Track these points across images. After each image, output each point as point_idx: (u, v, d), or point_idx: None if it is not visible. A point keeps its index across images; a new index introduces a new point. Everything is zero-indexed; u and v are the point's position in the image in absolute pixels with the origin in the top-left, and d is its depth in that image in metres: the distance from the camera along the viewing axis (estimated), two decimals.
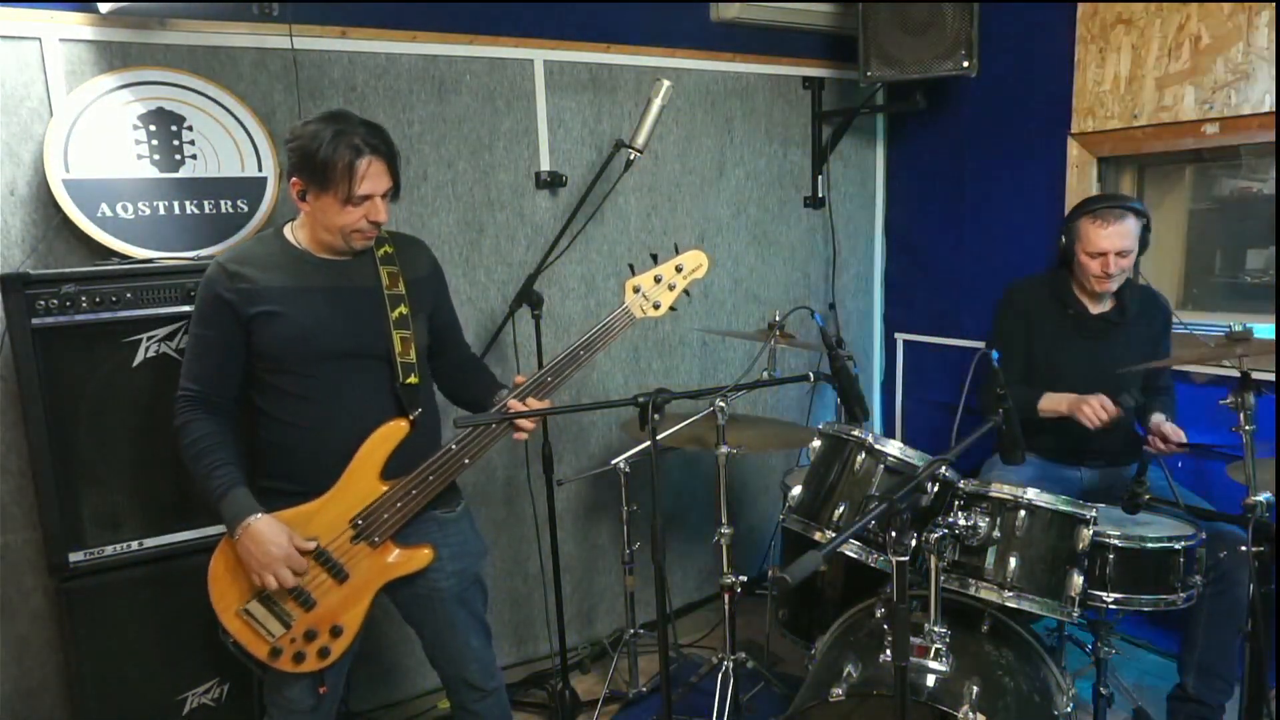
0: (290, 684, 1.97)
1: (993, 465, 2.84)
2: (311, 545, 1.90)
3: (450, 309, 2.20)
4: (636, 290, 2.07)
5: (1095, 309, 2.77)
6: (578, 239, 3.13)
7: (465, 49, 2.90)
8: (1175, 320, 2.79)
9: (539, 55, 3.04)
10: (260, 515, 1.86)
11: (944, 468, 1.89)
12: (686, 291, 2.12)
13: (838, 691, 1.90)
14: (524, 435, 2.02)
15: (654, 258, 2.10)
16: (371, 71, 2.76)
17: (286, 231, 1.98)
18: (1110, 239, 2.61)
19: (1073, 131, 3.21)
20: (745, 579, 2.46)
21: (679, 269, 2.08)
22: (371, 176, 1.85)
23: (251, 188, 2.54)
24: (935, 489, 2.12)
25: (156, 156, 2.42)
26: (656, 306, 2.08)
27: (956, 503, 2.10)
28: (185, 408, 1.92)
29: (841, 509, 2.20)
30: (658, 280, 2.08)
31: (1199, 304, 3.21)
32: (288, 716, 1.99)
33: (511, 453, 3.10)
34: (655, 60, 3.26)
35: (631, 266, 2.11)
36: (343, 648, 1.96)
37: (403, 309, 1.99)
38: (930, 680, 1.91)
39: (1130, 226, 2.62)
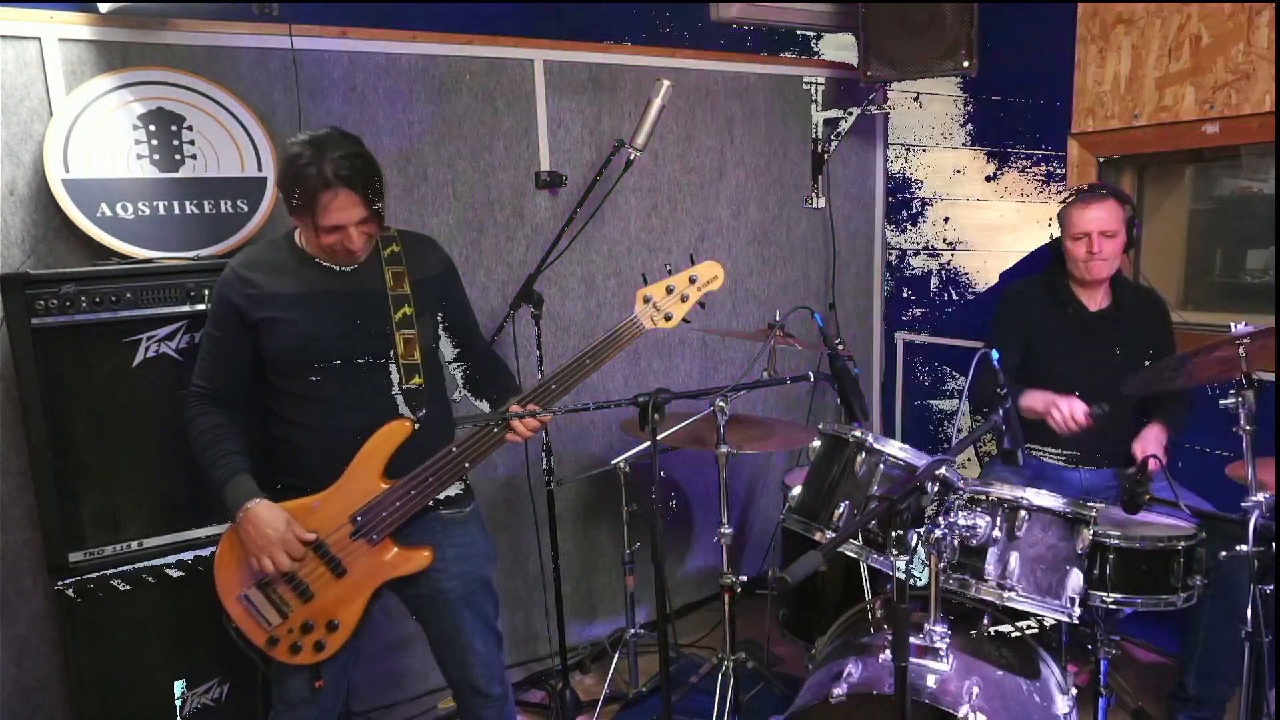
0: (289, 676, 2.01)
1: (993, 465, 2.85)
2: (311, 536, 1.92)
3: (463, 306, 2.19)
4: (647, 300, 2.03)
5: (1093, 306, 2.77)
6: (578, 239, 3.12)
7: (465, 49, 2.90)
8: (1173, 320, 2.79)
9: (539, 55, 3.03)
10: (260, 500, 1.89)
11: (944, 468, 1.89)
12: (701, 303, 2.07)
13: (838, 691, 1.90)
14: (518, 438, 2.01)
15: (669, 271, 2.06)
16: (371, 71, 2.76)
17: (296, 236, 2.00)
18: (1092, 219, 2.62)
19: (1073, 131, 3.21)
20: (745, 579, 2.46)
21: (692, 280, 2.03)
22: (340, 208, 1.82)
23: (251, 188, 2.54)
24: (935, 489, 2.12)
25: (156, 156, 2.42)
26: (668, 318, 2.03)
27: (956, 503, 2.10)
28: (194, 402, 1.97)
29: (841, 509, 2.20)
30: (670, 291, 2.03)
31: (1199, 304, 3.21)
32: (287, 709, 2.03)
33: (511, 453, 3.09)
34: (655, 60, 3.26)
35: (644, 276, 2.08)
36: (339, 643, 1.97)
37: (406, 309, 1.99)
38: (930, 680, 1.91)
39: (1112, 209, 2.63)
